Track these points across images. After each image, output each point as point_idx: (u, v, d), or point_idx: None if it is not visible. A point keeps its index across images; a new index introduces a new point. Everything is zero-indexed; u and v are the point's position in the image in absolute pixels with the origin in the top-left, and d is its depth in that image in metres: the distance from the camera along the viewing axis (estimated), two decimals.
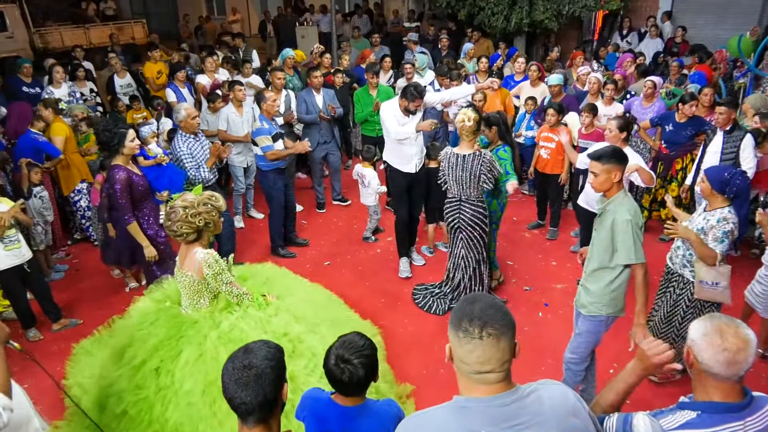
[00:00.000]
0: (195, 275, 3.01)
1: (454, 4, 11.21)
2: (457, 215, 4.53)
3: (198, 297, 3.08)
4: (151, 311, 3.20)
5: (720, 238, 3.39)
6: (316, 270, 5.53)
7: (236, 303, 3.11)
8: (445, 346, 1.66)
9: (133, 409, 2.89)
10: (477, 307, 1.56)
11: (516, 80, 7.66)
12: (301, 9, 16.52)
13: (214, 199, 3.08)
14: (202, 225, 3.00)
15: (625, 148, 4.55)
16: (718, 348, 1.71)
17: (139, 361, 2.96)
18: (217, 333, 2.96)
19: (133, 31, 16.15)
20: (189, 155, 4.70)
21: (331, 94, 6.73)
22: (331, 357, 2.14)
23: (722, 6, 10.77)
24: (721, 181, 3.44)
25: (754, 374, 4.06)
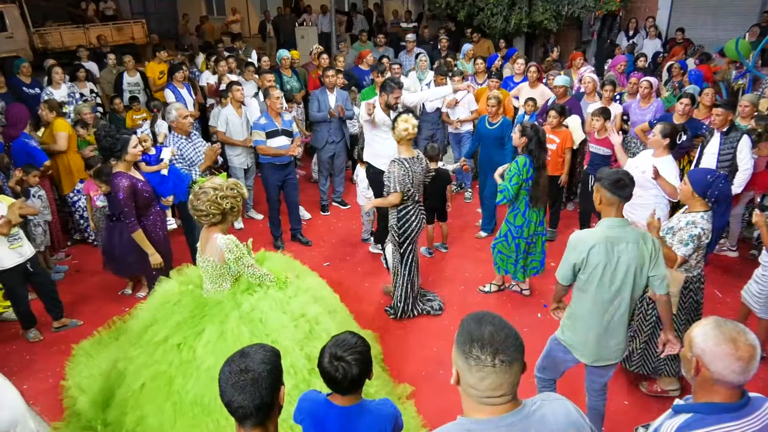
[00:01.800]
0: (217, 260, 3.09)
1: (454, 5, 11.22)
2: (422, 217, 4.60)
3: (221, 280, 3.16)
4: (175, 292, 3.30)
5: (685, 241, 3.34)
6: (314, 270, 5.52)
7: (258, 284, 3.19)
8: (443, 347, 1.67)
9: (152, 382, 2.97)
10: (486, 331, 1.53)
11: (515, 81, 7.66)
12: (300, 9, 16.52)
13: (240, 187, 3.20)
14: (228, 208, 3.09)
15: (665, 155, 4.42)
16: (732, 357, 1.69)
17: (162, 337, 3.06)
18: (238, 313, 3.05)
19: (132, 31, 16.16)
20: (178, 156, 4.69)
21: (345, 95, 6.73)
22: (324, 355, 2.16)
23: (721, 7, 10.80)
24: (703, 184, 3.36)
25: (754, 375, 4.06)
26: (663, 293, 2.96)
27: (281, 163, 5.65)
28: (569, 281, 3.00)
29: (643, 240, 2.88)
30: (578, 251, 2.86)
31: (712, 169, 4.10)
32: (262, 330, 2.98)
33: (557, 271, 3.06)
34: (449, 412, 3.46)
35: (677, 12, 11.37)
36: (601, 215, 2.98)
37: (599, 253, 2.81)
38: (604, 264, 2.81)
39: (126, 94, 8.30)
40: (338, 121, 6.60)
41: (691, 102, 5.57)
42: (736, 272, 5.37)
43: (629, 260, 2.82)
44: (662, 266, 2.90)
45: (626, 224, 2.90)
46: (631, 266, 2.83)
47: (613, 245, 2.82)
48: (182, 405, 2.85)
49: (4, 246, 4.14)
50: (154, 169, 4.73)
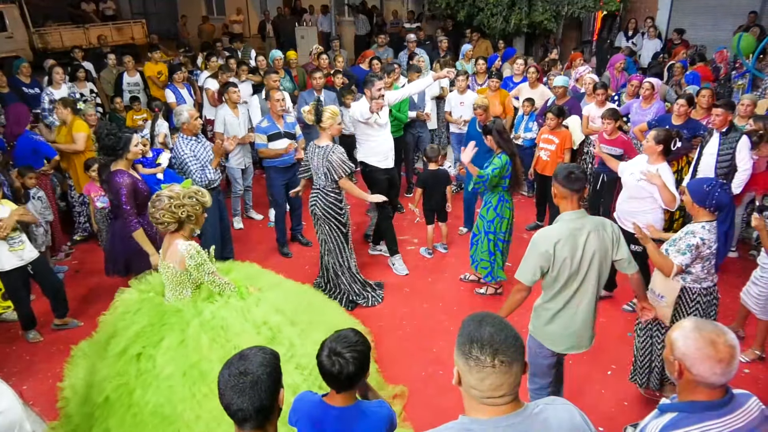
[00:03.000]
0: (177, 266, 3.06)
1: (454, 5, 11.22)
2: (314, 202, 4.72)
3: (181, 288, 3.14)
4: (135, 301, 3.27)
5: (682, 250, 3.29)
6: (314, 270, 5.53)
7: (218, 293, 3.17)
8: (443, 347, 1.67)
9: (114, 394, 2.94)
10: (486, 331, 1.54)
11: (515, 81, 7.67)
12: (300, 10, 16.52)
13: (200, 194, 3.14)
14: (184, 217, 3.06)
15: (661, 163, 4.27)
16: (713, 360, 1.72)
17: (121, 348, 3.03)
18: (199, 320, 3.03)
19: (132, 31, 16.19)
20: (192, 157, 4.68)
21: (333, 96, 6.75)
22: (324, 349, 2.16)
23: (721, 7, 10.79)
24: (701, 193, 3.30)
25: (752, 376, 4.08)
26: (634, 272, 3.10)
27: (285, 165, 5.64)
28: (533, 282, 2.98)
29: (603, 227, 2.96)
30: (543, 249, 2.86)
31: (709, 178, 3.96)
32: (223, 336, 2.96)
33: (519, 273, 2.99)
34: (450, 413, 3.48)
35: (677, 12, 11.36)
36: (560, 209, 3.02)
37: (564, 246, 2.85)
38: (571, 257, 2.86)
39: (126, 94, 8.31)
40: None
41: (689, 103, 5.56)
42: (735, 273, 5.37)
43: (594, 249, 2.90)
44: (625, 248, 3.01)
45: (584, 215, 2.96)
46: (597, 254, 2.91)
47: (575, 237, 2.87)
48: (142, 416, 2.82)
49: (3, 248, 4.14)
50: (150, 172, 4.72)
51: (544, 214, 6.34)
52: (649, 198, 4.32)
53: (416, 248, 5.94)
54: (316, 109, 4.62)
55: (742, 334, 4.45)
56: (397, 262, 5.37)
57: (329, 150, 4.54)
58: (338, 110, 4.72)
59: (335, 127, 4.63)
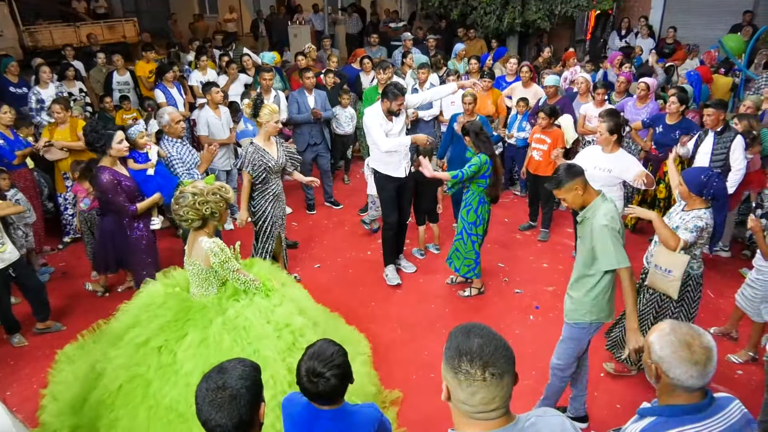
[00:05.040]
0: (202, 264, 3.05)
1: (447, 4, 11.17)
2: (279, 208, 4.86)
3: (207, 285, 3.13)
4: (160, 294, 3.25)
5: (690, 229, 3.41)
6: (305, 273, 5.48)
7: (243, 291, 3.15)
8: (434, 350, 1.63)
9: (129, 384, 2.92)
10: (475, 343, 1.49)
11: (508, 81, 7.63)
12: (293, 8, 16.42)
13: (224, 191, 3.13)
14: (209, 214, 3.04)
15: (617, 150, 4.56)
16: (688, 363, 1.70)
17: (143, 339, 3.01)
18: (222, 319, 3.01)
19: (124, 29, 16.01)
20: (179, 159, 4.62)
21: (324, 95, 6.69)
22: (301, 370, 2.09)
23: (714, 6, 10.79)
24: (698, 184, 3.44)
25: (745, 377, 4.05)
26: None
27: None
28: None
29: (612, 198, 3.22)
30: (618, 224, 2.99)
31: (705, 168, 4.12)
32: (244, 338, 2.93)
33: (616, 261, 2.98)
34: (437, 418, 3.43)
35: (670, 11, 11.36)
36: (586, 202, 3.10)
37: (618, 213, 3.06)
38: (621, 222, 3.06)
39: (116, 93, 8.22)
40: (319, 122, 6.56)
41: (681, 102, 5.53)
42: (728, 272, 5.36)
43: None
44: None
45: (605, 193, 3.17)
46: None
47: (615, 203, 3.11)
48: (157, 410, 2.80)
49: None
50: (141, 167, 4.64)
51: (536, 214, 6.30)
52: (618, 185, 4.67)
53: (408, 249, 5.88)
54: (254, 103, 4.57)
55: (736, 336, 4.43)
56: (390, 272, 5.28)
57: (246, 147, 4.59)
58: (277, 108, 4.66)
59: (271, 125, 4.55)
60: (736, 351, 4.25)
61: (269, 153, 4.60)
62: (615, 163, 4.52)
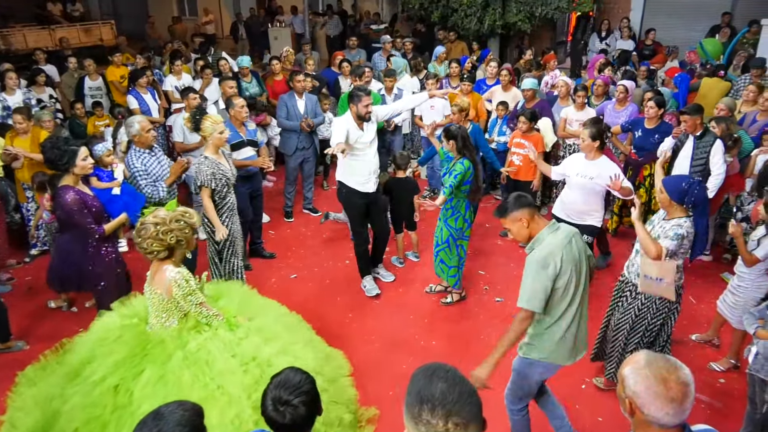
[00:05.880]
0: (164, 294, 2.88)
1: (427, 6, 11.08)
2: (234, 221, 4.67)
3: (167, 315, 2.96)
4: (116, 327, 3.06)
5: (671, 237, 3.32)
6: (281, 284, 5.34)
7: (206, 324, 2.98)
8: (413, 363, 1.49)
9: (84, 427, 2.74)
10: (437, 388, 1.36)
11: (488, 84, 7.55)
12: (273, 10, 16.24)
13: (188, 216, 2.96)
14: (174, 242, 2.87)
15: (599, 157, 4.47)
16: (664, 399, 1.59)
17: (99, 377, 2.83)
18: (183, 353, 2.84)
19: (101, 32, 15.70)
20: (143, 172, 4.42)
21: (314, 100, 6.55)
22: (267, 400, 1.97)
23: (693, 7, 10.82)
24: (679, 192, 3.36)
25: (727, 386, 3.99)
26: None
27: (248, 173, 5.43)
28: (543, 308, 2.78)
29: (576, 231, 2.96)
30: (552, 266, 2.73)
31: (685, 176, 4.08)
32: (207, 374, 2.76)
33: (527, 301, 2.77)
34: None
35: (650, 13, 11.38)
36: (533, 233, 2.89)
37: (567, 258, 2.77)
38: (574, 265, 2.80)
39: (88, 99, 8.01)
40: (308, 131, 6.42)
41: (658, 106, 5.48)
42: (709, 276, 5.32)
43: (583, 249, 2.91)
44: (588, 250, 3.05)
45: (556, 223, 2.94)
46: (584, 257, 2.91)
47: (570, 244, 2.83)
48: None
49: None
50: (105, 186, 4.45)
51: None
52: (600, 193, 4.57)
53: (387, 257, 5.76)
54: (194, 117, 4.35)
55: (718, 342, 4.39)
56: (368, 283, 5.14)
57: (199, 162, 4.34)
58: (220, 119, 4.44)
59: (217, 137, 4.34)
60: (718, 359, 4.20)
61: (223, 165, 4.42)
62: (597, 170, 4.43)
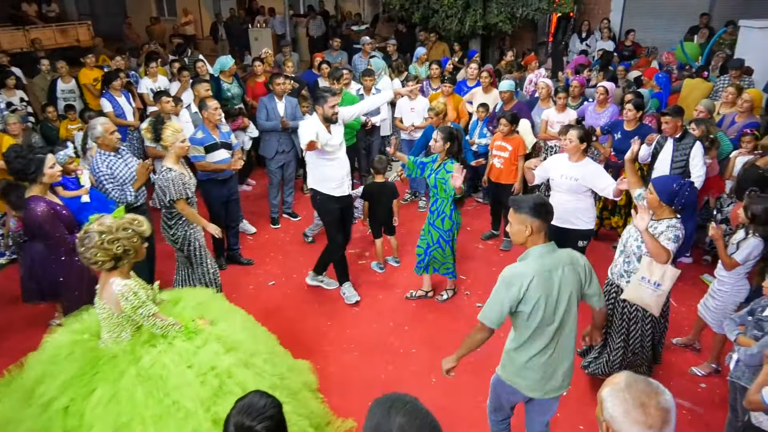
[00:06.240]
0: (113, 308, 2.74)
1: (408, 7, 11.01)
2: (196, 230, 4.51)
3: (119, 330, 2.81)
4: (66, 344, 2.91)
5: (672, 239, 3.26)
6: (259, 291, 5.23)
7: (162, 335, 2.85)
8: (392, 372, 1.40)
9: None
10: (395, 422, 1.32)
11: (469, 86, 7.50)
12: (254, 11, 16.06)
13: (137, 223, 2.79)
14: (120, 252, 2.71)
15: (583, 159, 4.40)
16: (641, 426, 1.52)
17: (48, 398, 2.69)
18: (136, 369, 2.70)
19: (77, 33, 15.39)
20: (109, 175, 4.29)
21: (294, 102, 6.45)
22: (230, 427, 1.87)
23: (671, 8, 10.88)
24: (669, 193, 3.31)
25: (708, 391, 3.97)
26: (601, 306, 2.90)
27: (223, 177, 5.32)
28: (498, 325, 2.65)
29: (575, 261, 2.70)
30: (515, 288, 2.56)
31: (676, 177, 4.02)
32: (161, 389, 2.63)
33: (484, 314, 2.67)
34: None
35: (629, 14, 11.43)
36: (527, 245, 2.68)
37: (538, 286, 2.56)
38: (546, 296, 2.57)
39: (60, 102, 7.81)
40: (287, 130, 6.31)
41: (637, 108, 5.46)
42: (690, 279, 5.30)
43: (569, 286, 2.63)
44: (596, 282, 2.78)
45: (554, 249, 2.68)
46: (572, 291, 2.65)
47: (550, 274, 2.59)
48: None
49: None
50: (73, 195, 4.30)
51: (499, 223, 6.17)
52: (587, 192, 4.40)
53: (367, 262, 5.68)
54: (154, 126, 4.20)
55: (699, 347, 4.37)
56: (347, 290, 5.05)
57: (160, 173, 4.17)
58: (181, 127, 4.31)
59: (178, 146, 4.20)
60: (700, 363, 4.18)
61: (185, 174, 4.28)
62: (581, 171, 4.35)
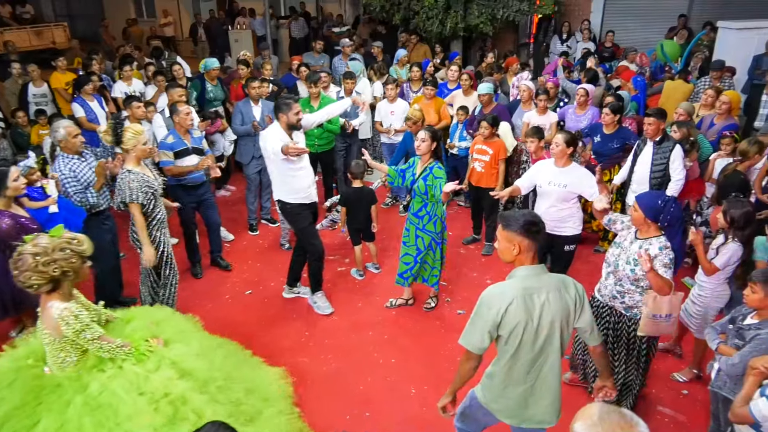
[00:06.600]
0: (53, 332, 2.58)
1: (389, 9, 10.93)
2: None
3: (63, 355, 2.65)
4: (7, 371, 2.73)
5: (668, 265, 3.12)
6: (235, 299, 5.10)
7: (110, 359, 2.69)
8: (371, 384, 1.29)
9: None
10: None
11: (449, 88, 7.42)
12: (234, 12, 15.86)
13: (76, 243, 2.62)
14: (58, 274, 2.53)
15: (570, 164, 4.32)
16: None
17: None
18: (82, 398, 2.55)
19: (53, 35, 15.10)
20: (72, 178, 4.16)
21: (270, 106, 6.31)
22: None
23: (650, 9, 10.93)
24: (654, 210, 3.16)
25: (690, 397, 3.92)
26: (597, 344, 2.62)
27: (193, 183, 5.18)
28: (482, 350, 2.48)
29: (565, 287, 2.48)
30: (494, 310, 2.39)
31: (660, 192, 3.94)
32: (111, 419, 2.48)
33: (465, 339, 2.50)
34: None
35: (609, 15, 11.46)
36: (515, 263, 2.52)
37: (518, 309, 2.38)
38: (525, 321, 2.39)
39: (32, 107, 7.60)
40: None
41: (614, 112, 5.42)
42: None
43: (553, 313, 2.42)
44: (589, 314, 2.53)
45: (543, 271, 2.50)
46: (556, 319, 2.43)
47: (532, 298, 2.41)
48: None
49: None
50: (40, 206, 4.15)
51: (480, 227, 6.10)
52: (574, 199, 4.34)
53: (347, 269, 5.58)
54: (113, 128, 4.06)
55: (680, 352, 4.33)
56: (319, 300, 4.90)
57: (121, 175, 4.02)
58: (141, 129, 4.17)
59: (140, 148, 4.05)
60: (681, 368, 4.14)
61: (148, 176, 4.12)
62: (569, 177, 4.25)
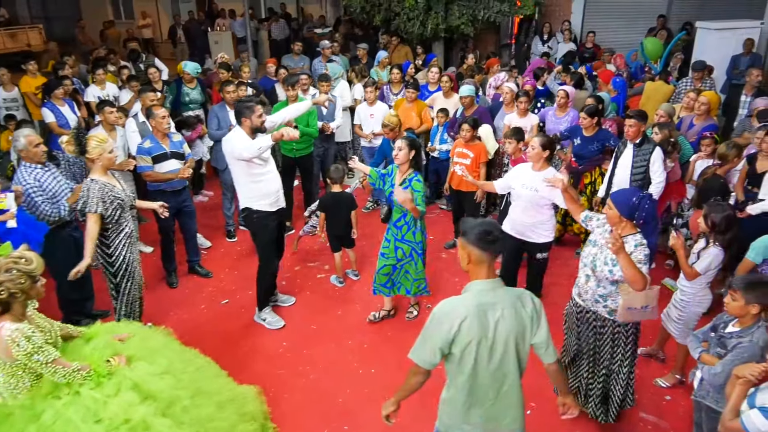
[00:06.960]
0: (4, 356, 2.44)
1: (369, 10, 10.83)
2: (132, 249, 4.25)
3: (15, 380, 2.52)
4: None
5: (643, 261, 3.10)
6: (211, 309, 4.96)
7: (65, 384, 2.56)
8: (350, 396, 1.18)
9: None
10: None
11: (430, 90, 7.35)
12: (214, 13, 15.67)
13: (24, 263, 2.49)
14: (5, 297, 2.42)
15: (546, 169, 4.24)
16: None
17: None
18: (36, 427, 2.42)
19: (28, 37, 14.75)
20: (38, 188, 4.01)
21: None
22: None
23: (630, 10, 10.97)
24: (629, 206, 3.14)
25: (673, 403, 3.88)
26: (552, 362, 2.50)
27: (173, 189, 5.05)
28: (432, 366, 2.39)
29: (521, 301, 2.39)
30: (446, 327, 2.29)
31: (635, 189, 3.89)
32: None
33: (415, 353, 2.40)
34: None
35: (590, 16, 11.48)
36: (470, 276, 2.42)
37: (472, 326, 2.28)
38: (479, 339, 2.29)
39: (2, 112, 7.39)
40: None
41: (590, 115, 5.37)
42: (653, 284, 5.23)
43: (508, 329, 2.32)
44: (545, 330, 2.43)
45: (498, 285, 2.39)
46: (511, 336, 2.33)
47: (486, 314, 2.31)
48: None
49: None
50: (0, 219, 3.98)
51: None
52: (548, 205, 4.28)
53: (326, 276, 5.47)
54: (76, 137, 3.87)
55: (663, 356, 4.28)
56: (269, 316, 4.72)
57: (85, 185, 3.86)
58: (106, 136, 4.02)
59: (106, 157, 3.88)
60: (665, 374, 4.09)
61: (115, 187, 3.95)
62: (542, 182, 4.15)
